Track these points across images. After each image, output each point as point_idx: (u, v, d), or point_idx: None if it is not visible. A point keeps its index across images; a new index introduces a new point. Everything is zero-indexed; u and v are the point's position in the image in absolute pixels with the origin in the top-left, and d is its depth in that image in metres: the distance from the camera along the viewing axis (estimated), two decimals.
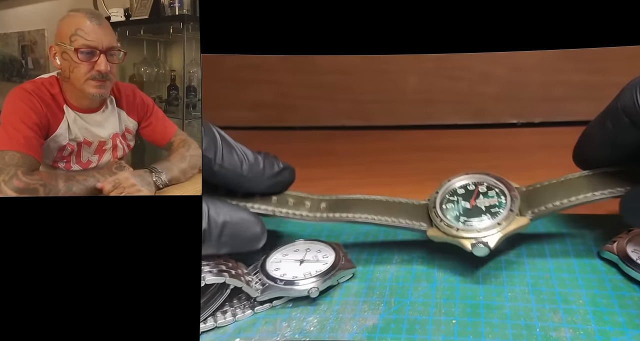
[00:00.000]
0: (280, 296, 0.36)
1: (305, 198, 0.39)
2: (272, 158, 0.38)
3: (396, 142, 0.63)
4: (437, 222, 0.36)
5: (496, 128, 0.64)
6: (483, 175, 0.38)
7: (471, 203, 0.36)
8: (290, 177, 0.39)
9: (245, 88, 0.65)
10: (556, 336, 0.31)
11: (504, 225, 0.35)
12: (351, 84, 0.65)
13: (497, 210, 0.36)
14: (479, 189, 0.37)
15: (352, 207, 0.38)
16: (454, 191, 0.38)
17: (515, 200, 0.36)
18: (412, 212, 0.38)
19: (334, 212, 0.38)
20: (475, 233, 0.35)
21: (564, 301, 0.34)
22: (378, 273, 0.39)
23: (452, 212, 0.36)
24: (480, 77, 0.63)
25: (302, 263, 0.38)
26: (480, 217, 0.36)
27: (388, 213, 0.37)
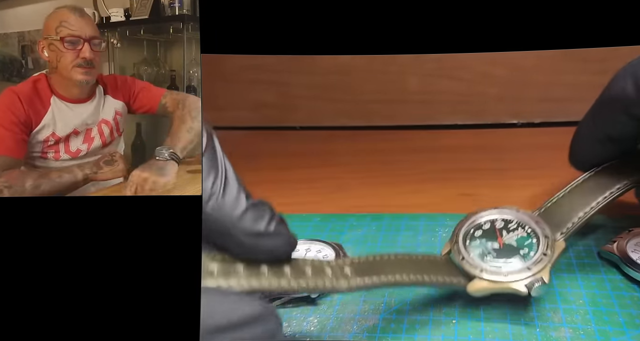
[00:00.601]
0: (280, 296, 0.36)
1: (325, 265, 0.30)
2: (265, 211, 0.27)
3: (396, 142, 0.63)
4: (477, 273, 0.32)
5: (496, 128, 0.64)
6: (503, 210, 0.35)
7: (500, 242, 0.33)
8: (284, 246, 0.27)
9: (245, 88, 0.65)
10: (556, 336, 0.31)
11: (549, 254, 0.32)
12: (351, 84, 0.64)
13: (530, 241, 0.33)
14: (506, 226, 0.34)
15: (380, 269, 0.31)
16: (477, 230, 0.34)
17: (546, 229, 0.33)
18: (442, 267, 0.33)
19: (362, 277, 0.30)
20: (526, 272, 0.31)
21: (564, 301, 0.34)
22: None
23: (481, 255, 0.33)
24: (480, 77, 0.63)
25: None
26: (513, 256, 0.32)
27: (420, 271, 0.32)
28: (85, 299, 0.41)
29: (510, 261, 0.32)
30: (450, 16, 0.47)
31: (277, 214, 0.28)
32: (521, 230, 0.33)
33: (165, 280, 0.41)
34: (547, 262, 0.31)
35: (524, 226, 0.33)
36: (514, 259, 0.32)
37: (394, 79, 0.64)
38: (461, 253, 0.33)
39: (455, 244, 0.33)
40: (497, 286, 0.31)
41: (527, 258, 0.32)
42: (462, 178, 0.52)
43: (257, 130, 0.67)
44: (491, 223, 0.34)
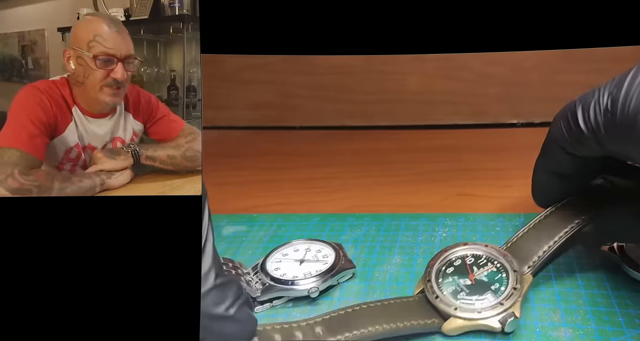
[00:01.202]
0: (280, 296, 0.36)
1: (294, 329, 0.30)
2: (229, 293, 0.27)
3: (396, 142, 0.63)
4: (452, 312, 0.32)
5: (496, 128, 0.64)
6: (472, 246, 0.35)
7: (471, 278, 0.33)
8: (240, 333, 0.27)
9: (245, 88, 0.65)
10: (556, 336, 0.31)
11: (519, 288, 0.32)
12: (351, 84, 0.65)
13: (500, 276, 0.33)
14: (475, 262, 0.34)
15: (352, 323, 0.31)
16: (449, 267, 0.34)
17: (514, 263, 0.34)
18: (416, 310, 0.33)
19: (334, 335, 0.30)
20: (499, 307, 0.31)
21: (564, 301, 0.34)
22: (378, 273, 0.39)
23: (453, 292, 0.33)
24: (480, 77, 0.63)
25: (302, 263, 0.38)
26: (485, 292, 0.33)
27: (394, 319, 0.32)
28: (85, 299, 0.41)
29: (482, 298, 0.32)
30: (451, 16, 0.47)
31: (243, 295, 0.27)
32: (490, 265, 0.34)
33: (165, 280, 0.41)
34: (518, 296, 0.32)
35: (493, 261, 0.34)
36: (487, 295, 0.32)
37: (394, 78, 0.64)
38: (435, 292, 0.33)
39: (428, 282, 0.34)
40: (471, 324, 0.32)
41: (498, 294, 0.32)
42: (462, 178, 0.52)
43: (256, 129, 0.67)
44: (462, 260, 0.35)
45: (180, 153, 0.53)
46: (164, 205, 0.45)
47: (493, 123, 0.64)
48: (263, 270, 0.37)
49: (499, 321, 0.31)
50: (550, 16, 0.47)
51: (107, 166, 0.50)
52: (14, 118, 0.47)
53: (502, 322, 0.31)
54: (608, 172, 0.35)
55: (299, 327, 0.30)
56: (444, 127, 0.65)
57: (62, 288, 0.42)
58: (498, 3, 0.47)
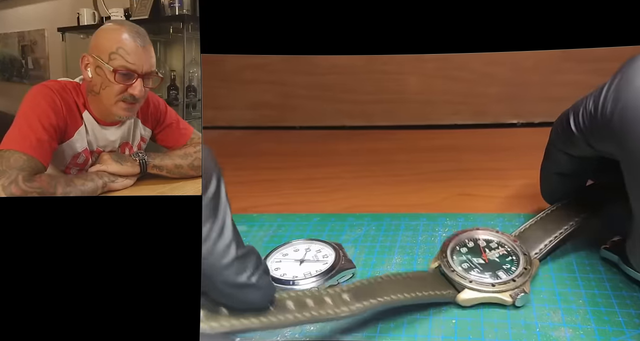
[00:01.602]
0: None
1: (324, 294, 0.31)
2: (250, 263, 0.28)
3: (396, 142, 0.64)
4: (467, 284, 0.34)
5: (496, 128, 0.64)
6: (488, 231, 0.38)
7: (484, 257, 0.36)
8: (261, 299, 0.29)
9: (245, 88, 0.65)
10: (556, 336, 0.31)
11: (529, 269, 0.35)
12: (351, 84, 0.65)
13: (510, 258, 0.36)
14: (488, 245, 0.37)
15: (375, 291, 0.33)
16: (462, 247, 0.37)
17: (524, 248, 0.37)
18: (432, 282, 0.35)
19: (360, 301, 0.32)
20: (512, 283, 0.34)
21: (564, 301, 0.34)
22: (378, 273, 0.39)
23: (467, 269, 0.36)
24: (480, 77, 0.63)
25: (302, 263, 0.38)
26: (497, 270, 0.35)
27: (412, 288, 0.34)
28: (84, 299, 0.41)
29: (496, 274, 0.35)
30: (451, 16, 0.48)
31: (262, 264, 0.29)
32: (502, 248, 0.37)
33: (164, 279, 0.41)
34: (528, 276, 0.34)
35: (504, 245, 0.37)
36: (500, 272, 0.35)
37: (394, 78, 0.64)
38: (451, 266, 0.35)
39: (444, 258, 0.36)
40: (484, 297, 0.34)
41: (510, 272, 0.35)
42: (462, 178, 0.53)
43: (256, 129, 0.67)
44: (474, 242, 0.37)
45: (188, 163, 0.52)
46: (164, 205, 0.45)
47: (493, 123, 0.64)
48: None
49: (510, 295, 0.34)
50: (550, 16, 0.47)
51: (111, 168, 0.49)
52: (24, 119, 0.45)
53: (514, 296, 0.33)
54: (605, 171, 0.37)
55: (327, 293, 0.31)
56: (444, 127, 0.65)
57: (61, 287, 0.42)
58: (498, 3, 0.47)
